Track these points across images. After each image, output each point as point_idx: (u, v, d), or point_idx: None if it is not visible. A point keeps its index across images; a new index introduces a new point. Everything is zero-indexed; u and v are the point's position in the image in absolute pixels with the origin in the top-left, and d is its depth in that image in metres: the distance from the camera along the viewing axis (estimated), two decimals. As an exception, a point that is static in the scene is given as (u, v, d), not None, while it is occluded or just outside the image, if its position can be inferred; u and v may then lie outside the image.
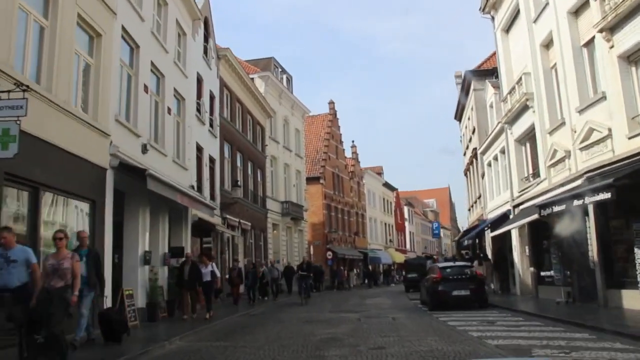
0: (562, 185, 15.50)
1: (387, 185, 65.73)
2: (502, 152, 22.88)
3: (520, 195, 20.01)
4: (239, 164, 28.08)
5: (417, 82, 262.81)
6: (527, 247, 19.59)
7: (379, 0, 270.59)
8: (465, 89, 31.44)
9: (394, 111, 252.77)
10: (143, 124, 15.05)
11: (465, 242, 23.85)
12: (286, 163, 37.20)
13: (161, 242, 16.64)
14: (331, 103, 50.39)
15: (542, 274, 18.54)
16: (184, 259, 16.26)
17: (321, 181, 45.03)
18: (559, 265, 17.02)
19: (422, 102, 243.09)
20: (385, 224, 64.35)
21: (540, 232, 18.65)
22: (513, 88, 19.47)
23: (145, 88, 15.34)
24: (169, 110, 17.53)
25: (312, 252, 40.03)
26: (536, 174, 18.86)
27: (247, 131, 29.75)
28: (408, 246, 74.89)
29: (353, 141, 55.88)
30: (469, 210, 35.63)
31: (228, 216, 24.45)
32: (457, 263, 20.16)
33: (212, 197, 23.16)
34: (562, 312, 13.61)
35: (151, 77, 16.14)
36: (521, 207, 19.69)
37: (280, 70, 39.36)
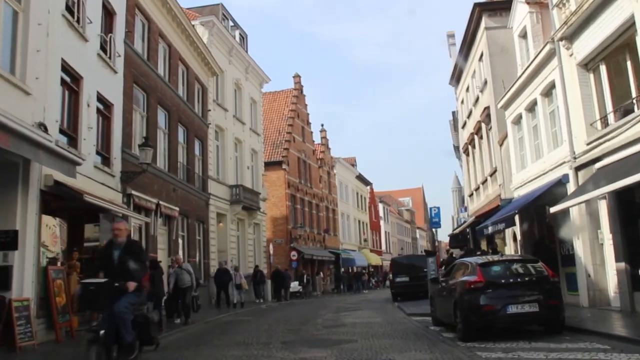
0: None
1: (361, 178, 58.14)
2: (546, 93, 15.39)
3: (590, 151, 12.51)
4: (162, 124, 19.97)
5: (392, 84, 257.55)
6: (608, 232, 12.03)
7: (349, 1, 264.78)
8: (467, 42, 24.06)
9: (360, 114, 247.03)
10: None
11: (490, 230, 16.21)
12: (238, 138, 29.15)
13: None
14: (296, 77, 42.57)
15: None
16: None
17: (284, 166, 37.11)
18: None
19: (386, 108, 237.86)
20: (360, 221, 56.72)
21: (634, 208, 11.20)
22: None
23: None
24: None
25: (272, 252, 32.05)
26: (625, 111, 11.38)
27: (177, 84, 21.65)
28: (384, 247, 67.45)
29: (322, 125, 48.21)
30: (470, 196, 28.14)
31: (136, 193, 16.33)
32: (508, 256, 12.25)
33: (107, 163, 15.04)
34: None
35: None
36: (597, 166, 12.16)
37: (231, 24, 31.36)
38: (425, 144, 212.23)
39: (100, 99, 14.56)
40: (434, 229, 34.64)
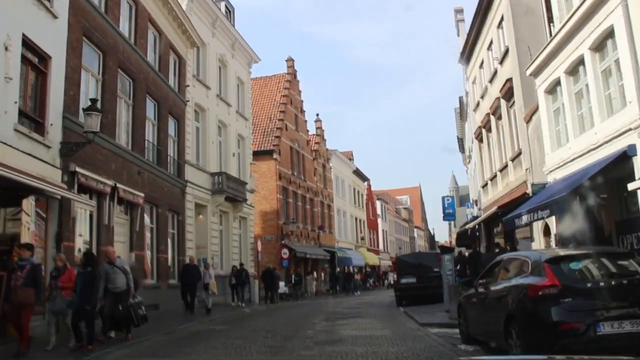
0: None
1: (358, 173, 54.89)
2: (598, 47, 12.19)
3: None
4: (124, 93, 16.70)
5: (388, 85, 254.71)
6: None
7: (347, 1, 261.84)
8: (482, 8, 20.88)
9: (360, 114, 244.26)
10: None
11: (524, 220, 13.00)
12: (222, 121, 25.87)
13: None
14: (289, 60, 39.27)
15: None
16: None
17: (275, 156, 33.83)
18: None
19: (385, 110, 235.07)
20: (356, 218, 53.48)
21: None
22: None
23: None
24: None
25: (260, 249, 28.80)
26: None
27: (146, 49, 18.37)
28: (381, 246, 64.27)
29: (317, 115, 44.92)
30: (484, 187, 24.93)
31: (82, 171, 13.04)
32: (590, 248, 8.88)
33: (40, 130, 11.75)
34: None
35: None
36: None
37: (216, -6, 28.06)
38: (423, 144, 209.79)
39: (29, 46, 11.27)
40: (448, 221, 30.34)
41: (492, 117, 21.97)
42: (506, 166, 20.39)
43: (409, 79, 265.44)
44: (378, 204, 65.90)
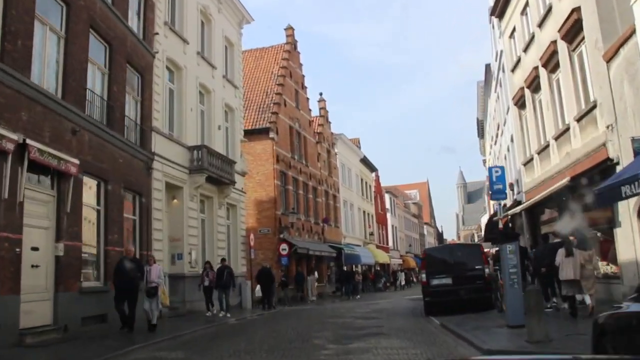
0: None
1: (366, 162, 50.04)
2: None
3: None
4: (51, 19, 11.93)
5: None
6: None
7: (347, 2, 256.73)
8: None
9: (360, 114, 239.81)
10: None
11: (636, 189, 8.20)
12: (204, 85, 21.13)
13: None
14: (289, 29, 34.42)
15: None
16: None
17: (271, 135, 29.04)
18: None
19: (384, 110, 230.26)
20: (365, 212, 48.63)
21: None
22: None
23: None
24: None
25: (252, 244, 24.07)
26: None
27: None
28: (390, 243, 59.40)
29: (321, 94, 40.03)
30: (527, 164, 20.03)
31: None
32: None
33: None
34: None
35: None
36: None
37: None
38: (423, 144, 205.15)
39: None
40: (494, 201, 25.04)
41: (542, 71, 17.15)
42: (566, 130, 15.55)
43: (409, 78, 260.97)
44: (387, 197, 61.08)
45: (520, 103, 20.59)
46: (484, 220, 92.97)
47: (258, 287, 23.53)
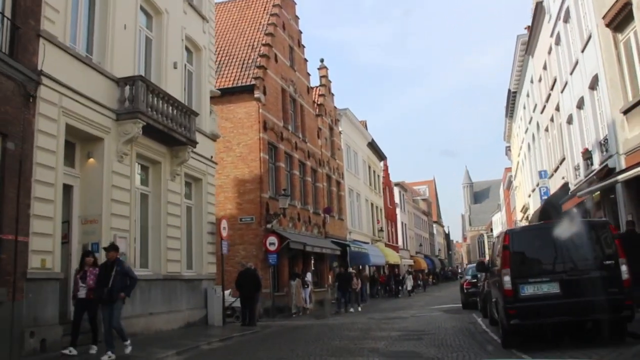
0: None
1: (374, 147, 43.21)
2: None
3: None
4: None
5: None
6: None
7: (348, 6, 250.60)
8: None
9: (361, 114, 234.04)
10: None
11: None
12: (154, 3, 14.38)
13: None
14: (283, -27, 27.63)
15: None
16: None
17: (257, 94, 22.21)
18: None
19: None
20: (373, 204, 41.79)
21: None
22: None
23: None
24: None
25: (225, 235, 17.30)
26: None
27: None
28: (400, 242, 52.54)
29: (322, 60, 33.12)
30: (627, 112, 13.12)
31: None
32: None
33: None
34: None
35: None
36: None
37: None
38: (423, 144, 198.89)
39: None
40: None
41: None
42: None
43: (409, 80, 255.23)
44: (396, 190, 54.28)
45: (617, 23, 13.75)
46: (496, 219, 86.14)
47: (232, 295, 16.86)
